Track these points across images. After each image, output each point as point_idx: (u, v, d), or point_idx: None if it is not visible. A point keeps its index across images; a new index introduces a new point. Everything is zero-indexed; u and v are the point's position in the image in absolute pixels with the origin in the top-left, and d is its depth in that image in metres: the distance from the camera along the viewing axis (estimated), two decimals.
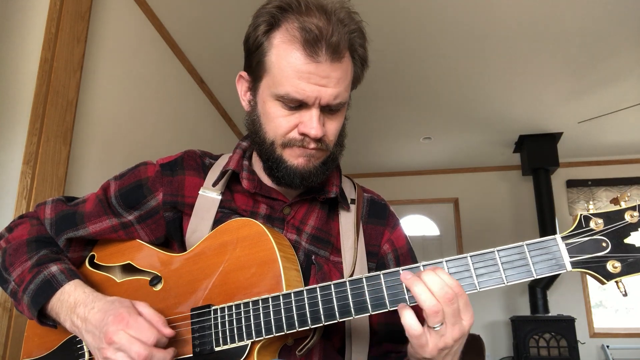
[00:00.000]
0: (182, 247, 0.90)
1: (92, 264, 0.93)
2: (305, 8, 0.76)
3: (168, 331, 0.74)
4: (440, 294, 0.64)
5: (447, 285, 0.64)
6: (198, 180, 0.91)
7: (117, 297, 0.78)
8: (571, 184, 5.35)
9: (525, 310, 5.01)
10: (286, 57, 0.76)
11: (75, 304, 0.78)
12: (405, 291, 0.67)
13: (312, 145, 0.80)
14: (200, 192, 0.89)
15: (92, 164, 2.13)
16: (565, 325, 4.48)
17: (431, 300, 0.64)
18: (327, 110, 0.80)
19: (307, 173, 0.82)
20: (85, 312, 0.76)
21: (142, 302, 0.77)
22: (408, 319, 0.66)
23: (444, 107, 4.21)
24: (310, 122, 0.78)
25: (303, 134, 0.79)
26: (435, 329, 0.65)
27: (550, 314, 4.69)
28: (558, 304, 4.93)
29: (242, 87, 0.89)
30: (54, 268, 0.83)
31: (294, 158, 0.82)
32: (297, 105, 0.78)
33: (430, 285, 0.65)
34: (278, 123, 0.80)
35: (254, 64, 0.82)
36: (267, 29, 0.78)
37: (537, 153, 4.82)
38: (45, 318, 0.83)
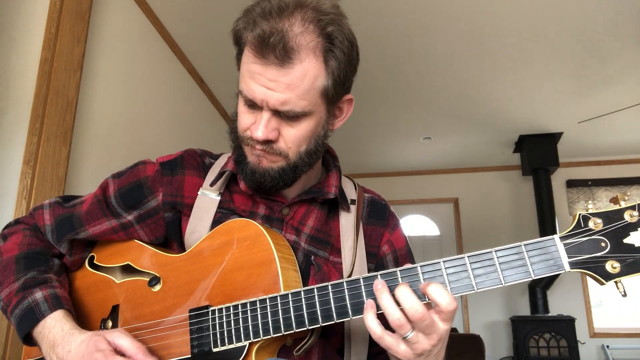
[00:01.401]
0: (181, 248, 0.90)
1: (92, 264, 0.93)
2: (278, 10, 0.74)
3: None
4: (410, 312, 0.63)
5: (418, 303, 0.63)
6: (198, 180, 0.91)
7: (91, 335, 0.77)
8: (571, 184, 5.35)
9: (525, 310, 5.01)
10: (245, 57, 0.78)
11: (54, 342, 0.78)
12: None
13: (258, 146, 0.80)
14: (199, 192, 0.89)
15: (92, 164, 2.13)
16: (565, 325, 4.48)
17: (394, 313, 0.64)
18: (282, 116, 0.78)
19: (259, 173, 0.82)
20: (63, 354, 0.76)
21: (118, 332, 0.76)
22: (369, 321, 0.66)
23: (444, 107, 4.21)
24: (256, 124, 0.78)
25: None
26: (406, 338, 0.64)
27: (550, 314, 4.69)
28: (558, 304, 4.93)
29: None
30: (38, 295, 0.82)
31: (250, 155, 0.84)
32: (253, 105, 0.79)
33: (402, 300, 0.64)
34: (241, 119, 0.82)
35: (237, 60, 0.84)
36: (245, 29, 0.78)
37: (537, 153, 4.82)
38: (32, 340, 0.83)
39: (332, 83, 0.78)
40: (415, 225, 5.85)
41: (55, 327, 0.80)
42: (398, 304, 0.65)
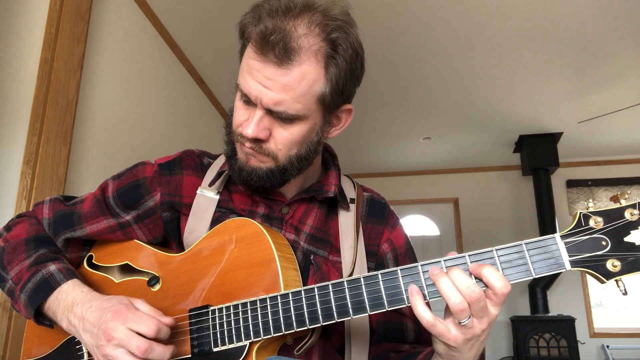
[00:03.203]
0: (180, 247, 0.90)
1: (91, 264, 0.93)
2: (285, 10, 0.74)
3: (167, 320, 0.74)
4: (467, 293, 0.62)
5: (474, 284, 0.63)
6: (196, 179, 0.91)
7: (114, 295, 0.78)
8: (571, 184, 5.35)
9: (525, 310, 5.01)
10: (246, 51, 0.78)
11: (72, 303, 0.78)
12: (404, 291, 0.67)
13: (248, 144, 0.80)
14: (198, 191, 0.89)
15: (92, 164, 2.13)
16: (565, 325, 4.48)
17: (456, 297, 0.62)
18: (275, 116, 0.77)
19: (246, 171, 0.82)
20: (82, 311, 0.76)
21: (140, 299, 0.77)
22: (419, 309, 0.64)
23: (444, 107, 4.21)
24: (248, 121, 0.78)
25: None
26: (462, 323, 0.63)
27: (550, 314, 4.69)
28: (558, 304, 4.92)
29: None
30: (52, 267, 0.83)
31: (239, 152, 0.83)
32: (248, 101, 0.78)
33: (458, 282, 0.63)
34: (236, 114, 0.82)
35: (240, 54, 0.83)
36: (250, 25, 0.78)
37: (537, 153, 4.82)
38: (41, 317, 0.83)
39: (330, 90, 0.77)
40: (415, 225, 5.85)
41: (74, 290, 0.80)
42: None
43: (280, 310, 0.71)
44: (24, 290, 0.81)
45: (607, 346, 4.85)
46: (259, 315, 0.72)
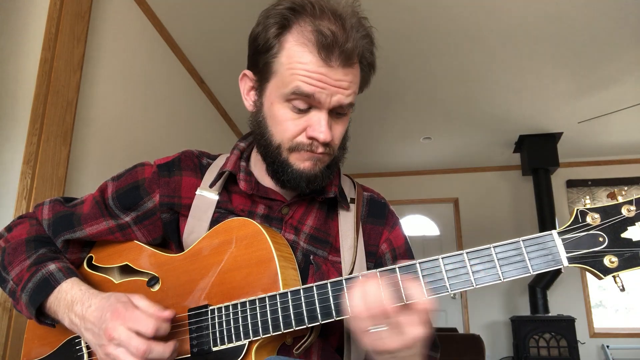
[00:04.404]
0: (180, 248, 0.90)
1: (91, 265, 0.93)
2: (319, 11, 0.75)
3: (167, 313, 0.74)
4: (373, 306, 0.64)
5: (381, 300, 0.63)
6: (195, 180, 0.91)
7: (113, 292, 0.78)
8: (571, 184, 5.35)
9: (525, 310, 5.01)
10: (299, 58, 0.76)
11: (72, 301, 0.79)
12: (402, 289, 0.67)
13: (320, 149, 0.80)
14: (197, 192, 0.89)
15: (92, 164, 2.13)
16: (565, 325, 4.48)
17: (359, 305, 0.65)
18: (334, 114, 0.81)
19: (312, 177, 0.82)
20: (82, 310, 0.77)
21: (138, 295, 0.77)
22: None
23: (444, 107, 4.21)
24: (319, 126, 0.78)
25: (312, 138, 0.79)
26: (369, 330, 0.65)
27: (550, 314, 4.69)
28: (558, 304, 4.92)
29: (245, 86, 0.88)
30: (52, 266, 0.83)
31: (301, 162, 0.82)
32: (307, 107, 0.78)
33: (367, 291, 0.65)
34: (286, 126, 0.80)
35: (262, 64, 0.81)
36: (279, 31, 0.77)
37: (537, 153, 4.82)
38: (43, 316, 0.83)
39: (365, 78, 0.85)
40: (415, 225, 5.85)
41: (73, 288, 0.81)
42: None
43: (279, 310, 0.71)
44: (24, 290, 0.82)
45: (607, 346, 4.85)
46: (258, 314, 0.72)
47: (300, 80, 0.75)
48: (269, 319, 0.72)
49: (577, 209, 0.65)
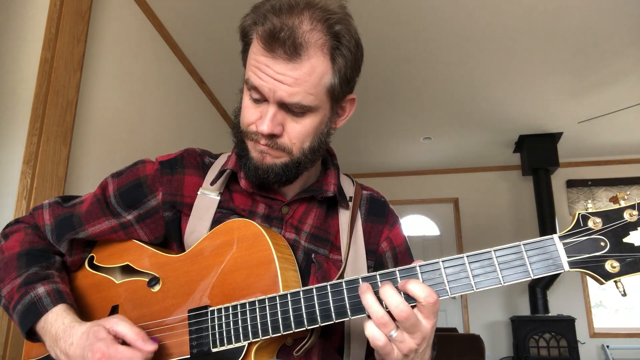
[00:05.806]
0: (181, 248, 0.90)
1: (92, 265, 0.93)
2: (287, 6, 0.75)
3: (150, 347, 0.73)
4: (397, 312, 0.63)
5: (403, 302, 0.64)
6: (197, 179, 0.91)
7: (90, 325, 0.77)
8: (571, 184, 5.35)
9: (525, 310, 5.01)
10: (253, 50, 0.78)
11: (56, 336, 0.78)
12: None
13: (263, 141, 0.80)
14: (199, 191, 0.89)
15: (92, 164, 2.13)
16: (565, 325, 4.48)
17: (378, 311, 0.64)
18: (288, 110, 0.78)
19: (262, 169, 0.82)
20: (65, 347, 0.76)
21: (117, 319, 0.76)
22: (370, 330, 0.65)
23: (444, 107, 4.21)
24: (262, 118, 0.79)
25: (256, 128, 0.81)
26: (391, 336, 0.65)
27: (550, 314, 4.69)
28: (558, 304, 4.93)
29: None
30: (40, 289, 0.82)
31: (253, 151, 0.83)
32: (260, 98, 0.79)
33: (388, 301, 0.64)
34: (245, 113, 0.82)
35: (243, 54, 0.84)
36: (254, 26, 0.79)
37: (537, 153, 4.82)
38: (35, 335, 0.83)
39: (338, 81, 0.79)
40: (415, 225, 5.85)
41: (56, 321, 0.80)
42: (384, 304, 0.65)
43: (279, 311, 0.71)
44: (15, 311, 0.82)
45: (607, 346, 4.85)
46: (258, 316, 0.72)
47: (251, 71, 0.78)
48: (269, 321, 0.71)
49: (579, 213, 0.64)
